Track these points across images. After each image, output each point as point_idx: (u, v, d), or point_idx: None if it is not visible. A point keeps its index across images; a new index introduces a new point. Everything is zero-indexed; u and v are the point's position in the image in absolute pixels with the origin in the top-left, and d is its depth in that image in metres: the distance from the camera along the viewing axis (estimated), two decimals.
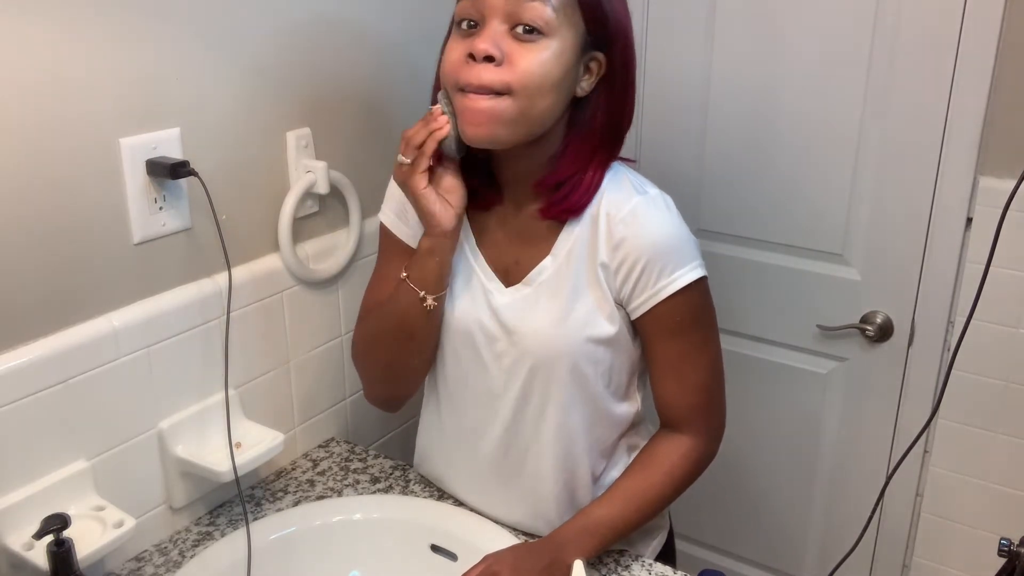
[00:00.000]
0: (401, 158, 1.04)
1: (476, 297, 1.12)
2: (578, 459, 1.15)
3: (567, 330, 1.07)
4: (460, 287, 1.13)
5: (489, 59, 0.95)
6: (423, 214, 1.05)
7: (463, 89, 0.98)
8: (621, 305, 1.09)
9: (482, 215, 1.13)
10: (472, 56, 0.96)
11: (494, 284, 1.11)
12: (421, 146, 1.02)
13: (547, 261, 1.09)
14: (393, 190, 1.19)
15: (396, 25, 1.43)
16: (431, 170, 1.04)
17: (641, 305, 1.07)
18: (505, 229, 1.12)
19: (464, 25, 0.99)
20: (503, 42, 0.96)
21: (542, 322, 1.08)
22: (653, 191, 1.09)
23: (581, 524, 1.09)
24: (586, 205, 1.07)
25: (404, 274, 1.09)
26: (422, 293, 1.08)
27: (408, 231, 1.18)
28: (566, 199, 1.06)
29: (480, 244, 1.13)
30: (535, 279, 1.09)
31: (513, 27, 0.96)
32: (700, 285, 1.08)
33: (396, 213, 1.19)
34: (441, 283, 1.09)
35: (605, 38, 1.00)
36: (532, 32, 0.95)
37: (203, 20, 1.13)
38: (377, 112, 1.43)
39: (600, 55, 1.01)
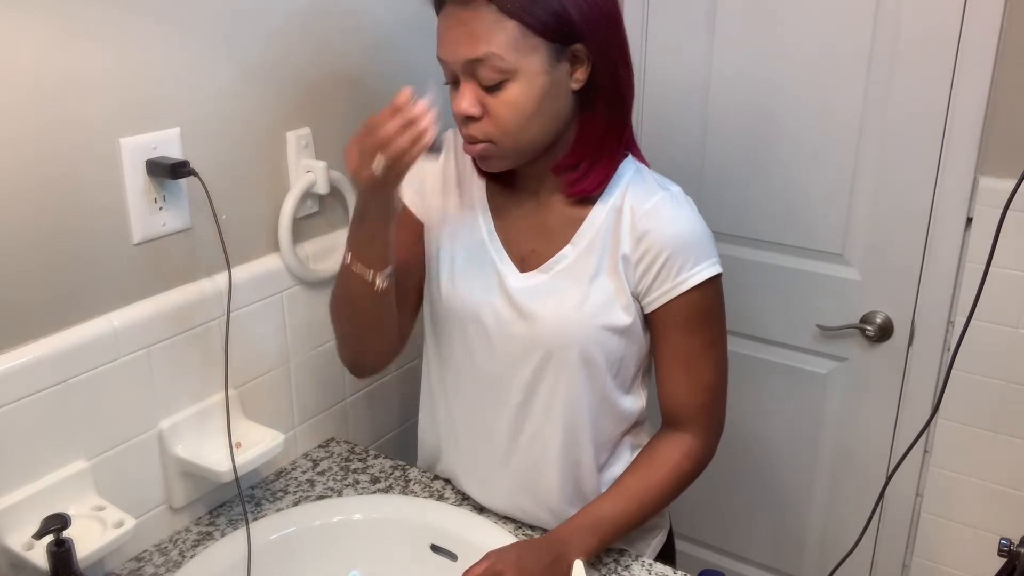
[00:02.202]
0: (377, 163, 0.94)
1: (489, 280, 1.13)
2: (583, 449, 1.15)
3: (583, 316, 1.08)
4: (474, 269, 1.14)
5: (470, 117, 1.01)
6: (387, 208, 1.03)
7: (463, 136, 1.05)
8: (637, 298, 1.10)
9: (502, 201, 1.15)
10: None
11: (508, 268, 1.12)
12: (402, 154, 0.94)
13: (567, 250, 1.10)
14: (413, 173, 1.19)
15: (397, 23, 1.43)
16: None
17: (659, 298, 1.08)
18: (525, 218, 1.13)
19: (446, 77, 1.04)
20: (479, 96, 1.01)
21: (559, 307, 1.09)
22: (675, 189, 1.13)
23: (584, 521, 1.10)
24: (607, 180, 1.09)
25: (347, 259, 1.07)
26: (371, 274, 1.06)
27: (422, 206, 1.19)
28: (587, 176, 1.08)
29: (498, 229, 1.14)
30: (553, 267, 1.10)
31: (479, 83, 1.00)
32: (716, 282, 1.10)
33: (415, 190, 1.20)
34: (389, 258, 1.07)
35: (576, 32, 1.00)
36: (496, 84, 0.99)
37: (203, 20, 1.13)
38: (377, 111, 1.43)
39: (580, 47, 1.01)
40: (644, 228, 1.07)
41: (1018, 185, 0.85)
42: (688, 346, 1.11)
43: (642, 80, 1.82)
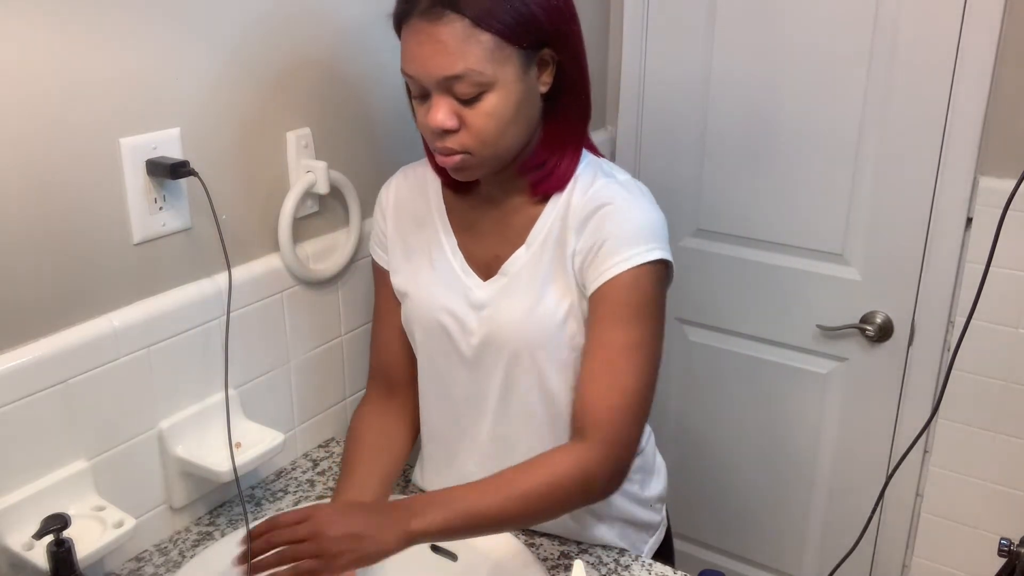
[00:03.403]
0: None
1: (456, 294, 1.12)
2: None
3: (539, 318, 1.07)
4: (440, 285, 1.14)
5: (447, 131, 0.99)
6: None
7: (435, 149, 1.03)
8: (582, 287, 1.07)
9: (464, 214, 1.14)
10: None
11: (472, 280, 1.12)
12: None
13: (521, 251, 1.10)
14: (374, 220, 1.22)
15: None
16: None
17: (595, 279, 1.03)
18: (488, 226, 1.13)
19: (414, 92, 1.02)
20: (454, 108, 0.98)
21: (516, 311, 1.08)
22: (623, 176, 1.10)
23: (438, 497, 1.00)
24: (571, 175, 1.08)
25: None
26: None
27: (387, 258, 1.21)
28: (552, 174, 1.07)
29: (461, 243, 1.14)
30: (509, 269, 1.10)
31: (455, 96, 0.98)
32: (657, 271, 1.03)
33: (378, 243, 1.22)
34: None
35: (545, 36, 1.00)
36: (474, 97, 0.97)
37: (203, 20, 1.13)
38: (377, 112, 1.43)
39: (546, 50, 1.01)
40: (584, 217, 1.05)
41: (1018, 185, 0.85)
42: (614, 341, 1.02)
43: (642, 81, 1.82)
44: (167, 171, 1.09)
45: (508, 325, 1.09)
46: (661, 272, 1.04)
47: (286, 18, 1.24)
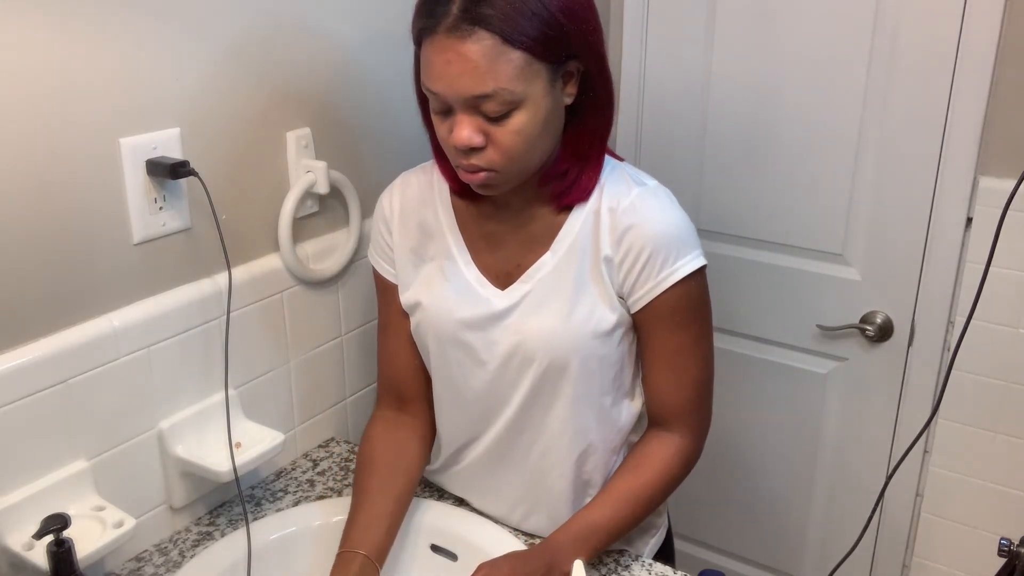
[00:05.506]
0: None
1: (473, 305, 1.11)
2: (591, 456, 1.14)
3: (573, 326, 1.07)
4: (455, 297, 1.12)
5: (473, 148, 0.97)
6: None
7: (459, 166, 1.01)
8: (623, 298, 1.08)
9: (477, 222, 1.12)
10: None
11: (489, 291, 1.11)
12: None
13: (546, 257, 1.08)
14: (374, 231, 1.20)
15: (399, 25, 1.43)
16: None
17: (644, 296, 1.06)
18: (504, 235, 1.11)
19: (435, 106, 0.99)
20: (480, 125, 0.96)
21: (548, 320, 1.07)
22: (652, 183, 1.10)
23: (576, 528, 1.08)
24: (594, 186, 1.07)
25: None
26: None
27: (393, 271, 1.19)
28: (576, 184, 1.06)
29: (474, 254, 1.12)
30: (534, 275, 1.09)
31: (482, 115, 0.96)
32: (700, 275, 1.08)
33: (381, 255, 1.20)
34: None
35: (570, 50, 0.97)
36: (502, 114, 0.95)
37: (204, 20, 1.13)
38: (377, 112, 1.43)
39: (572, 62, 0.99)
40: (624, 227, 1.05)
41: (1018, 185, 0.85)
42: (675, 343, 1.09)
43: (642, 82, 1.82)
44: (167, 171, 1.09)
45: (539, 335, 1.07)
46: (703, 272, 1.09)
47: (286, 18, 1.24)
